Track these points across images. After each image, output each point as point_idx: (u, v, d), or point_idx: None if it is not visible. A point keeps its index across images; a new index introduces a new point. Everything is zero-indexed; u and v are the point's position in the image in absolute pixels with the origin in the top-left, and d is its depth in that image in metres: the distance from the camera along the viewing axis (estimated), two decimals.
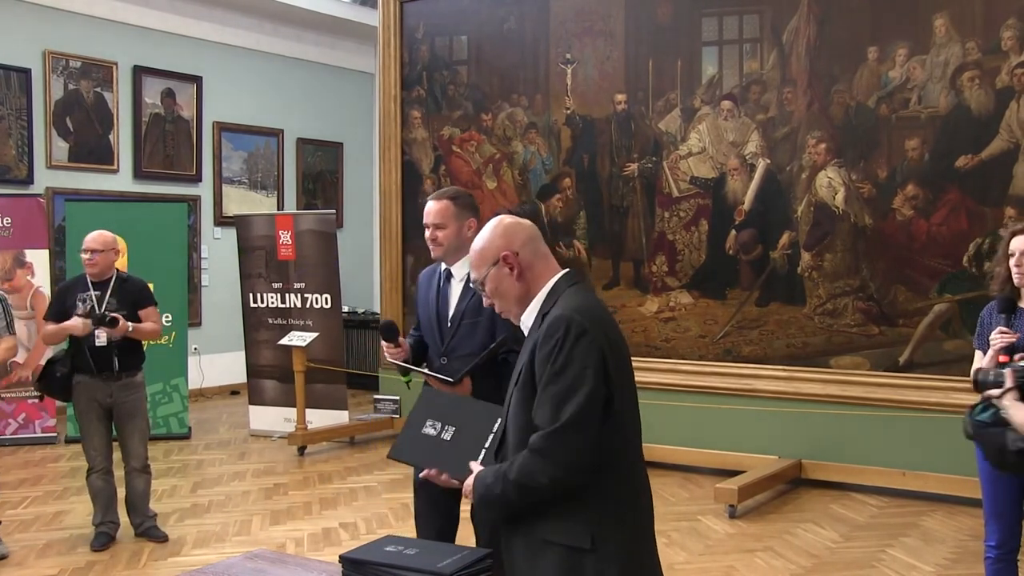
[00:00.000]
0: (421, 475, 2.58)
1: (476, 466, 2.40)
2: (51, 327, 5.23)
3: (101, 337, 5.13)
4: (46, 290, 8.06)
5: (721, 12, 6.92)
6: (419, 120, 8.31)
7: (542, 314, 2.34)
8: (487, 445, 2.47)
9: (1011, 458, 3.19)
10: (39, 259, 8.16)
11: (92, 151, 9.54)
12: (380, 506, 6.25)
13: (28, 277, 8.00)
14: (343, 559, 2.45)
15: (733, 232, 6.89)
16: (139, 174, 9.92)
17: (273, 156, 11.33)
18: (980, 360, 3.76)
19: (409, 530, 5.66)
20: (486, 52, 8.01)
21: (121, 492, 5.47)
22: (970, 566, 4.88)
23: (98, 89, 9.56)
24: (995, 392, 3.11)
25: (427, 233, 3.55)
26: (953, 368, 5.95)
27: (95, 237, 5.31)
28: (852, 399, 6.34)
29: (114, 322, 5.06)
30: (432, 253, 3.58)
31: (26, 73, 8.96)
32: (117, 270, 5.39)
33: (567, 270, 2.44)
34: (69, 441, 8.01)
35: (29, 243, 8.09)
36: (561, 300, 2.33)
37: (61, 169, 9.26)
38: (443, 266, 3.60)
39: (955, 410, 5.77)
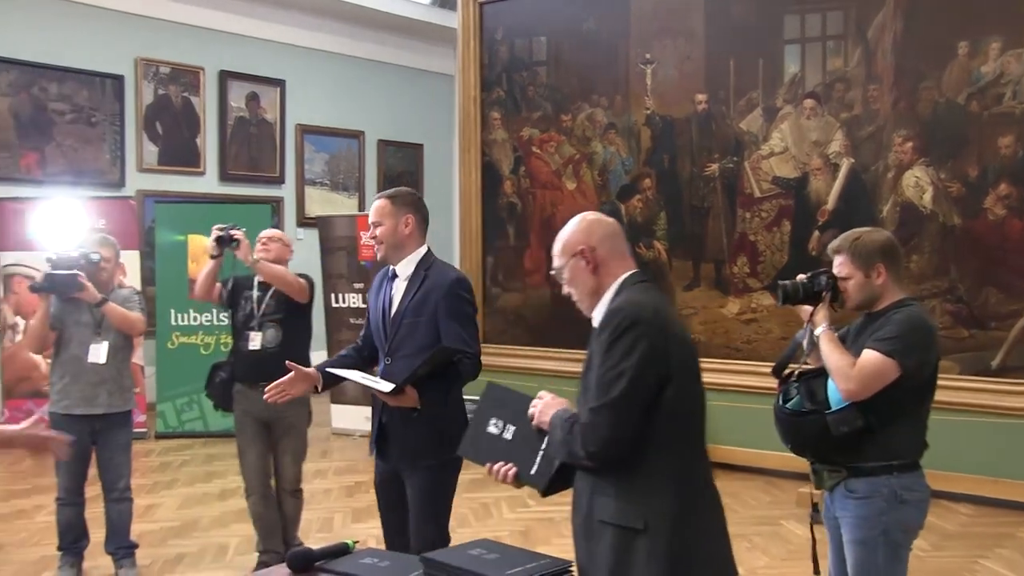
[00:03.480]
0: (489, 471, 2.63)
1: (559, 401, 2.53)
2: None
3: (254, 340, 4.74)
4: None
5: (804, 9, 6.81)
6: (498, 121, 8.34)
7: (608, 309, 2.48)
8: (543, 447, 2.54)
9: (832, 443, 3.07)
10: (131, 260, 8.39)
11: (180, 154, 9.80)
12: (460, 505, 6.23)
13: (120, 277, 8.21)
14: (424, 559, 2.49)
15: (816, 233, 6.76)
16: (224, 176, 10.16)
17: (354, 158, 11.49)
18: None
19: (488, 530, 5.71)
20: (565, 53, 8.00)
21: None
22: None
23: (186, 94, 9.81)
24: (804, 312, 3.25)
25: (367, 234, 3.60)
26: None
27: (272, 233, 4.95)
28: (941, 404, 6.12)
29: (234, 242, 4.64)
30: (376, 254, 3.59)
31: (119, 80, 9.24)
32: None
33: (636, 270, 2.55)
34: (159, 436, 8.23)
35: (121, 244, 8.29)
36: (623, 295, 2.47)
37: (151, 172, 9.54)
38: (391, 267, 3.58)
39: None
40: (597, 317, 2.50)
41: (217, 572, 4.93)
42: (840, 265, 3.20)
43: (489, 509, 6.22)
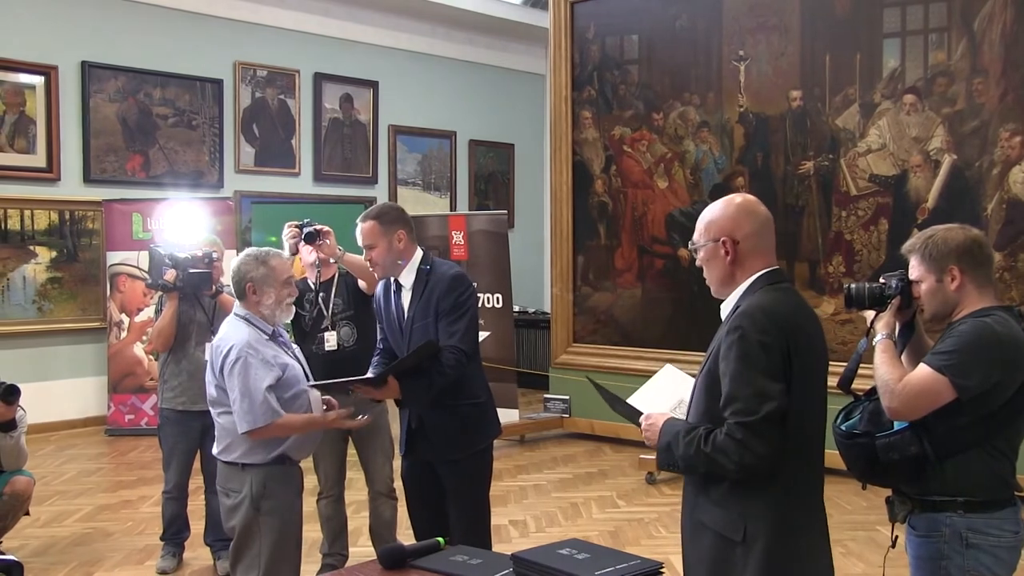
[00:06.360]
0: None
1: (659, 415, 2.51)
2: None
3: (330, 341, 4.55)
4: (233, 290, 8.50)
5: (904, 2, 6.63)
6: (590, 120, 8.32)
7: (736, 308, 2.40)
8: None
9: (879, 469, 2.73)
10: (228, 259, 8.60)
11: (276, 155, 10.02)
12: (549, 504, 6.29)
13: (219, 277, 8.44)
14: (514, 557, 2.50)
15: (915, 231, 6.55)
16: (319, 177, 10.35)
17: (446, 158, 11.59)
18: None
19: (578, 529, 5.70)
20: (657, 51, 7.94)
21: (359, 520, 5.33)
22: None
23: (282, 96, 10.03)
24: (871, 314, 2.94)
25: (363, 255, 3.80)
26: None
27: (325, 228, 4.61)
28: None
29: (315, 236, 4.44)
30: (375, 274, 3.83)
31: (218, 84, 9.49)
32: (339, 267, 4.69)
33: (770, 269, 2.45)
34: None
35: None
36: (752, 298, 2.38)
37: (248, 173, 9.77)
38: (392, 279, 3.78)
39: None
40: (726, 309, 2.46)
41: (311, 566, 5.01)
42: (912, 267, 2.84)
43: (578, 509, 6.21)
